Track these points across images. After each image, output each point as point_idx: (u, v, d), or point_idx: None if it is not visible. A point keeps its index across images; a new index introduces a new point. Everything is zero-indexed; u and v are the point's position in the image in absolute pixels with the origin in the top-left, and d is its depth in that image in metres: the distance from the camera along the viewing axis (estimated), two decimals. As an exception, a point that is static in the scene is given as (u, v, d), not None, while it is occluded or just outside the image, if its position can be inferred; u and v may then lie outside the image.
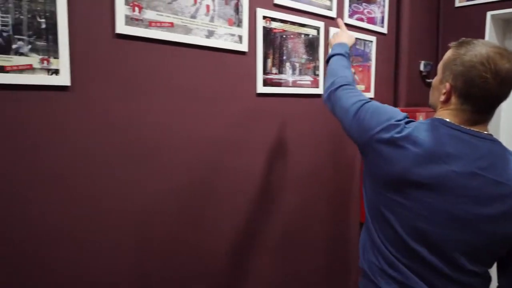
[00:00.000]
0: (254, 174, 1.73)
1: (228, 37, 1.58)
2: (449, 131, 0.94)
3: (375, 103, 1.10)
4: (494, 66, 0.88)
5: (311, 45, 1.95)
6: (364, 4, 2.26)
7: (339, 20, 1.63)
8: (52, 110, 1.15)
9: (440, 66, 1.01)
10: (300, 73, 1.91)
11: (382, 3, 2.40)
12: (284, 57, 1.82)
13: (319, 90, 2.00)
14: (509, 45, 2.85)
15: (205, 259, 1.57)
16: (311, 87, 1.97)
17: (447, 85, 0.95)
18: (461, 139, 0.92)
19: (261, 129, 1.75)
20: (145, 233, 1.38)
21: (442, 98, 0.97)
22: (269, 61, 1.76)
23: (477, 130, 0.94)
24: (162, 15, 1.37)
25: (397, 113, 1.03)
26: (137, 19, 1.31)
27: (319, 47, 1.98)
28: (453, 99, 0.95)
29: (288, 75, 1.85)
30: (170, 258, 1.46)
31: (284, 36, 1.81)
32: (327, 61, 1.42)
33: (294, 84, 1.88)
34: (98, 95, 1.24)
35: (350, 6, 2.15)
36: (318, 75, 1.99)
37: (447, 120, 0.96)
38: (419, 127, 0.96)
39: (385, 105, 1.09)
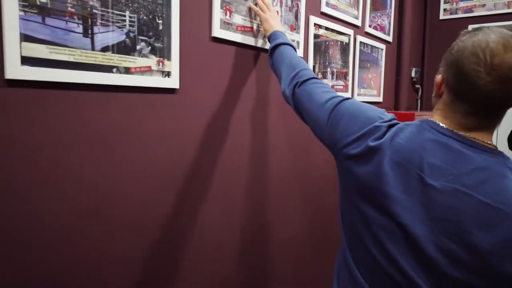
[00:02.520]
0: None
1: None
2: (436, 136, 0.76)
3: (355, 102, 0.93)
4: (490, 58, 0.68)
5: (344, 51, 2.06)
6: (378, 13, 2.42)
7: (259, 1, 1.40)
8: (163, 112, 1.13)
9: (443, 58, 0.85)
10: (337, 78, 2.01)
11: (389, 13, 2.58)
12: (327, 63, 1.91)
13: (348, 94, 2.12)
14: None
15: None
16: (343, 92, 2.08)
17: (438, 77, 0.80)
18: (450, 147, 0.74)
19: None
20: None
21: (434, 92, 0.82)
22: (316, 66, 1.83)
23: (473, 137, 0.75)
24: (245, 19, 1.39)
25: (380, 114, 0.86)
26: (228, 23, 1.32)
27: (350, 53, 2.10)
28: (444, 96, 0.79)
29: (329, 80, 1.94)
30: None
31: (326, 43, 1.90)
32: (271, 51, 1.24)
33: (333, 89, 1.98)
34: (199, 97, 1.24)
35: (369, 15, 2.30)
36: (348, 80, 2.11)
37: (437, 122, 0.78)
38: (402, 129, 0.80)
39: (367, 104, 0.92)
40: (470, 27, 2.94)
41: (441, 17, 3.12)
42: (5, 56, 0.79)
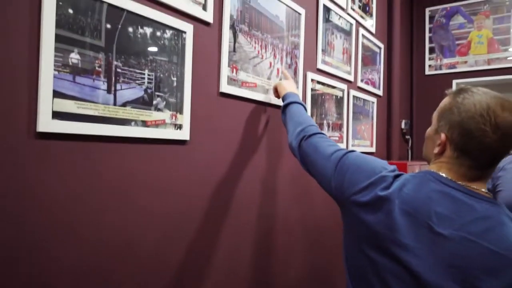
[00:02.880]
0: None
1: (289, 97, 1.74)
2: (441, 187, 0.82)
3: (359, 154, 0.99)
4: (494, 118, 0.77)
5: (339, 104, 2.18)
6: (369, 69, 2.58)
7: (283, 68, 1.62)
8: (174, 162, 1.19)
9: (435, 115, 0.91)
10: (332, 130, 2.11)
11: (379, 69, 2.75)
12: (323, 115, 2.02)
13: (343, 145, 2.21)
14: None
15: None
16: (339, 142, 2.17)
17: (442, 135, 0.85)
18: (454, 197, 0.80)
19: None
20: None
21: (436, 150, 0.87)
22: (314, 118, 1.94)
23: (475, 187, 0.82)
24: (249, 76, 1.49)
25: (384, 165, 0.92)
26: (234, 79, 1.42)
27: (344, 106, 2.22)
28: (448, 152, 0.84)
29: (325, 131, 2.04)
30: None
31: (323, 97, 2.02)
32: (283, 109, 1.34)
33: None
34: (208, 148, 1.31)
35: (361, 71, 2.45)
36: (343, 131, 2.21)
37: (441, 174, 0.84)
38: (409, 180, 0.85)
39: (370, 156, 0.98)
40: (454, 82, 3.15)
41: (427, 72, 3.32)
42: (38, 111, 0.86)
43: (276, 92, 1.51)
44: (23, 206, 0.84)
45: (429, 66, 3.31)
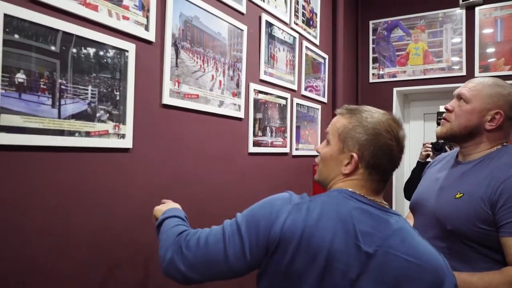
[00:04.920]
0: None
1: (232, 106, 1.90)
2: (358, 204, 0.85)
3: (251, 207, 0.91)
4: (396, 133, 0.87)
5: (282, 112, 2.36)
6: (313, 78, 2.78)
7: (163, 200, 1.21)
8: (117, 168, 1.32)
9: (333, 134, 0.92)
10: (275, 135, 2.29)
11: (323, 78, 2.96)
12: (266, 122, 2.19)
13: (287, 149, 2.40)
14: (408, 112, 3.67)
15: None
16: (282, 147, 2.36)
17: (354, 155, 0.87)
18: (371, 213, 0.85)
19: (251, 184, 2.05)
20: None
21: (347, 170, 0.88)
22: (257, 126, 2.11)
23: (379, 201, 0.89)
24: (192, 88, 1.64)
25: (286, 195, 0.90)
26: (176, 92, 1.56)
27: (287, 114, 2.41)
28: (360, 170, 0.88)
29: (268, 137, 2.21)
30: None
31: (265, 105, 2.19)
32: (157, 228, 1.05)
33: (272, 145, 2.25)
34: (150, 155, 1.44)
35: (305, 80, 2.65)
36: (286, 137, 2.40)
37: (354, 191, 0.87)
38: (328, 201, 0.86)
39: (268, 197, 0.91)
40: (395, 89, 3.41)
41: (371, 80, 3.58)
42: (-14, 126, 0.97)
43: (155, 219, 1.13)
44: (-28, 209, 0.95)
45: (373, 74, 3.56)
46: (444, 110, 1.89)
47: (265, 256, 0.85)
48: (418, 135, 3.53)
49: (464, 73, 3.16)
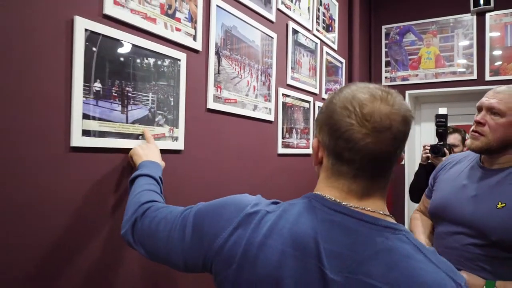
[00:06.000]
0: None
1: (264, 110, 2.01)
2: (328, 214, 0.65)
3: (214, 201, 0.79)
4: (360, 108, 0.63)
5: (305, 114, 2.48)
6: (332, 82, 2.90)
7: (145, 130, 1.26)
8: (171, 168, 1.43)
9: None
10: (300, 137, 2.41)
11: (341, 81, 3.08)
12: (292, 125, 2.31)
13: (310, 151, 2.52)
14: (419, 114, 3.79)
15: None
16: (305, 148, 2.47)
17: (314, 140, 0.71)
18: (345, 227, 0.63)
19: (280, 183, 2.17)
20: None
21: (314, 161, 0.73)
22: (284, 128, 2.22)
23: (369, 210, 0.65)
24: (231, 93, 1.76)
25: (254, 201, 0.74)
26: (218, 97, 1.68)
27: (310, 116, 2.52)
28: (325, 161, 0.70)
29: (294, 139, 2.33)
30: None
31: (292, 108, 2.31)
32: (130, 183, 1.05)
33: (297, 146, 2.37)
34: (198, 156, 1.56)
35: (326, 84, 2.77)
36: (309, 138, 2.52)
37: (326, 196, 0.67)
38: (288, 211, 0.68)
39: (233, 196, 0.78)
40: (407, 92, 3.52)
41: (383, 83, 3.69)
42: (72, 130, 1.08)
43: (133, 162, 1.18)
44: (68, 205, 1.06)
45: (385, 78, 3.68)
46: (444, 113, 1.98)
47: (203, 270, 0.74)
48: (428, 136, 3.64)
49: (475, 76, 3.27)
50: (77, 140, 1.09)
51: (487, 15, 3.22)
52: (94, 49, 1.14)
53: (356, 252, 0.60)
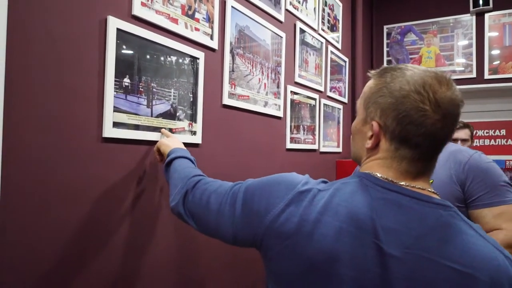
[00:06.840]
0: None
1: (274, 106, 2.10)
2: (382, 193, 0.66)
3: (260, 179, 0.80)
4: (433, 94, 0.64)
5: (312, 111, 2.56)
6: (336, 80, 2.99)
7: (163, 131, 1.35)
8: (191, 161, 1.51)
9: (360, 102, 0.75)
10: (307, 133, 2.49)
11: (344, 80, 3.17)
12: (300, 121, 2.39)
13: (316, 146, 2.60)
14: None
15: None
16: (312, 143, 2.56)
17: (374, 124, 0.69)
18: (400, 204, 0.65)
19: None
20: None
21: (369, 143, 0.70)
22: (292, 124, 2.31)
23: (420, 188, 0.67)
24: (244, 90, 1.84)
25: (303, 179, 0.75)
26: (232, 94, 1.76)
27: (316, 113, 2.61)
28: (384, 144, 0.69)
29: (301, 134, 2.41)
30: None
31: (299, 105, 2.39)
32: (166, 167, 1.11)
33: (304, 141, 2.45)
34: (215, 149, 1.64)
35: (330, 82, 2.86)
36: (315, 134, 2.60)
37: (379, 175, 0.68)
38: (341, 189, 0.69)
39: (281, 174, 0.79)
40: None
41: (385, 82, 3.78)
42: (104, 122, 1.16)
43: (160, 155, 1.26)
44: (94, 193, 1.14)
45: (387, 76, 3.77)
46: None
47: (252, 245, 0.75)
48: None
49: (474, 75, 3.36)
50: (109, 131, 1.17)
51: (486, 15, 3.32)
52: (124, 46, 1.22)
53: (412, 228, 0.62)
